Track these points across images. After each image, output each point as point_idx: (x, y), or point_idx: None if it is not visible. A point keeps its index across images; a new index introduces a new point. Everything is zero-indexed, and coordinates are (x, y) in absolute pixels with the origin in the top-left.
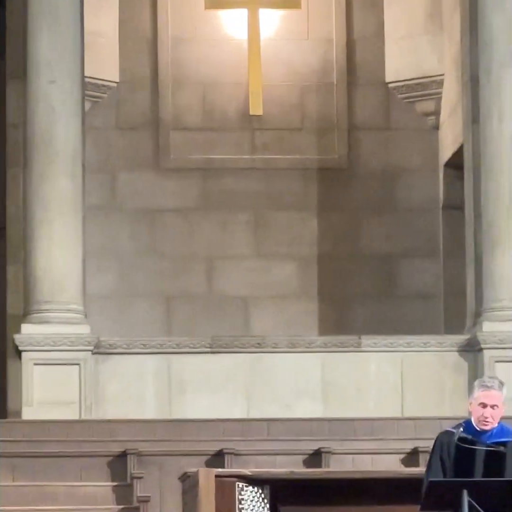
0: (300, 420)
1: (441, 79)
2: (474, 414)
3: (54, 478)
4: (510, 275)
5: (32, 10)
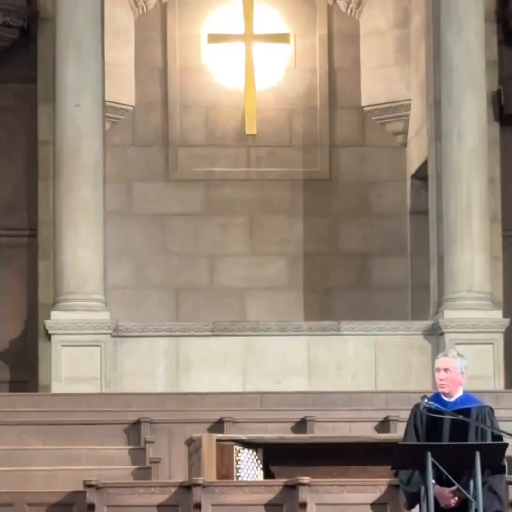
0: (288, 393)
1: (408, 103)
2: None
3: (78, 443)
4: (467, 270)
5: (61, 43)
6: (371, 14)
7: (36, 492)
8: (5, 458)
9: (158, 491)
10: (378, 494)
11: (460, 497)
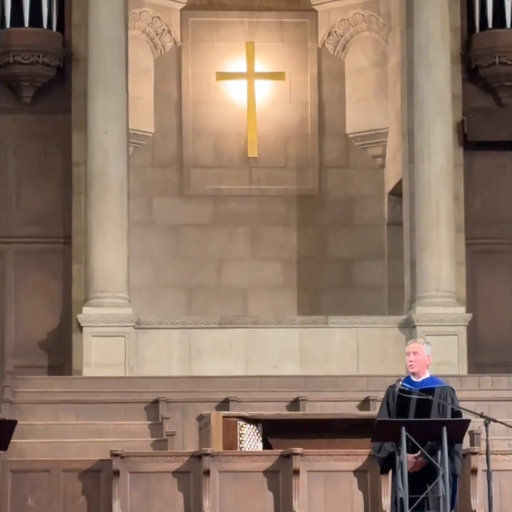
0: (284, 377)
1: (386, 131)
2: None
3: (105, 419)
4: (435, 273)
5: (91, 79)
6: (354, 55)
7: (69, 460)
8: (43, 431)
9: (173, 460)
10: (359, 463)
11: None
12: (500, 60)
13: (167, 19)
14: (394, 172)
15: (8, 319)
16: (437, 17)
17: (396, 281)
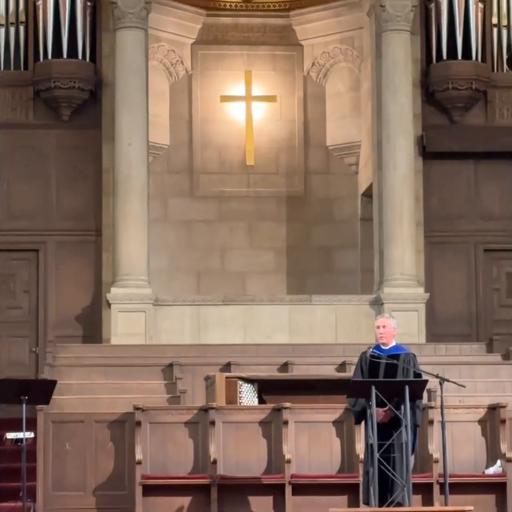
0: (275, 345)
1: (359, 144)
2: (376, 335)
3: (129, 379)
4: (399, 259)
5: (118, 100)
6: (333, 81)
7: (100, 413)
8: (78, 389)
9: (185, 412)
10: (337, 415)
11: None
12: (453, 86)
13: (180, 52)
14: (365, 177)
15: (50, 298)
16: (401, 50)
17: (367, 266)
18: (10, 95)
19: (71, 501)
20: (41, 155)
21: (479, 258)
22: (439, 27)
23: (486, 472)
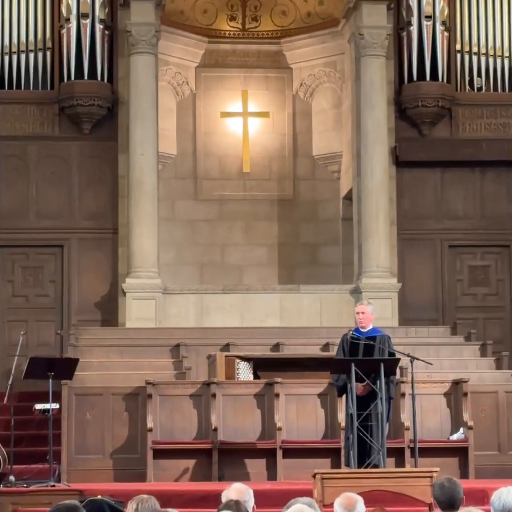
0: (268, 328)
1: (341, 153)
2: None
3: (141, 357)
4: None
5: (132, 116)
6: (318, 100)
7: (116, 387)
8: (98, 366)
9: (190, 386)
10: (322, 388)
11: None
12: (422, 103)
13: (185, 74)
14: (346, 182)
15: (73, 287)
16: (377, 73)
17: (347, 260)
18: (38, 111)
19: (91, 463)
20: (65, 163)
21: (444, 253)
22: (410, 53)
23: (450, 438)
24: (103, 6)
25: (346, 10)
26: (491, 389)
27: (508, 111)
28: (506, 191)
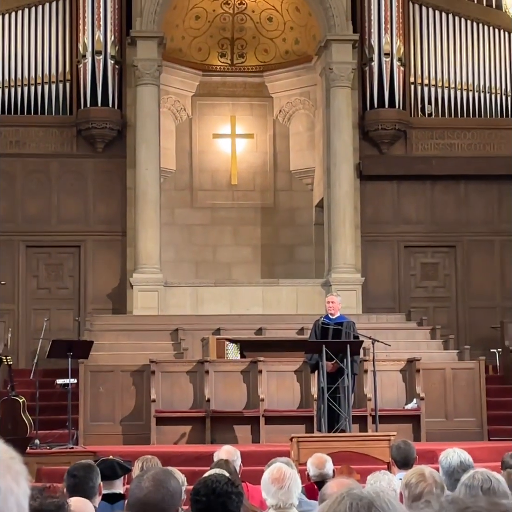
0: (253, 315)
1: (313, 169)
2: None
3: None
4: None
5: (138, 137)
6: (295, 124)
7: (125, 364)
8: (109, 347)
9: (187, 364)
10: (297, 366)
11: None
12: (382, 127)
13: (183, 101)
14: (318, 193)
15: (88, 281)
16: (344, 101)
17: (319, 258)
18: (59, 133)
19: (103, 429)
20: (82, 177)
21: (400, 252)
22: (371, 84)
23: (405, 408)
24: (113, 44)
25: (318, 48)
26: (439, 366)
27: (454, 133)
28: (453, 201)
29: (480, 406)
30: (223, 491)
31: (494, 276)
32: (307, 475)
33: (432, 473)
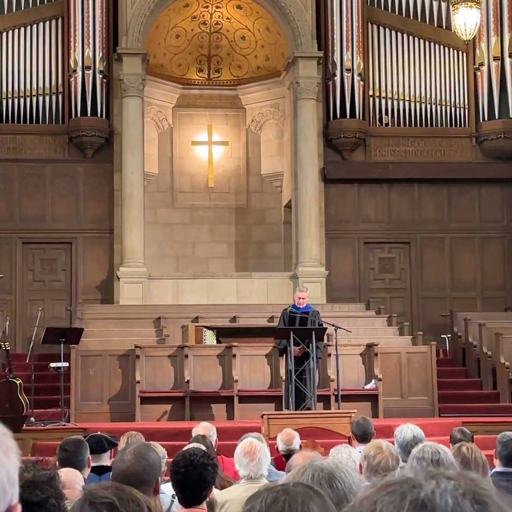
0: (227, 305)
1: (282, 172)
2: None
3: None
4: (309, 249)
5: (124, 144)
6: (265, 132)
7: (112, 349)
8: (98, 334)
9: (168, 349)
10: (268, 350)
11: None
12: (344, 135)
13: (165, 112)
14: (287, 195)
15: (79, 274)
16: (310, 112)
17: (288, 253)
18: (52, 140)
19: (92, 408)
20: (73, 180)
21: (360, 248)
22: (334, 97)
23: (364, 388)
24: (102, 60)
25: (286, 64)
26: (395, 350)
27: (408, 141)
28: (407, 202)
29: (432, 386)
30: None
31: (444, 270)
32: (276, 449)
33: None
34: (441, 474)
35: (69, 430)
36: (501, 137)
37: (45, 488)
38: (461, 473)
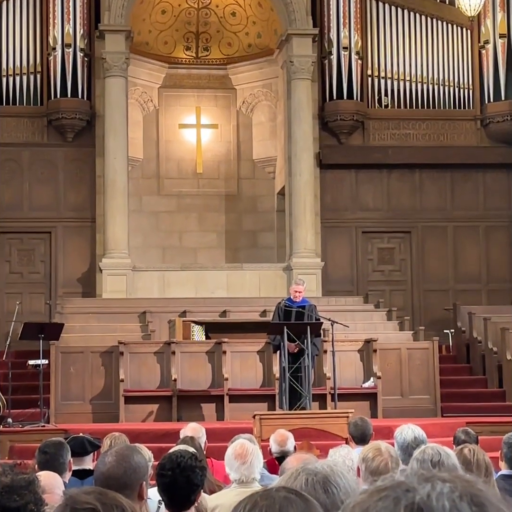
0: (217, 298)
1: (275, 157)
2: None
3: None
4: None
5: (107, 127)
6: (257, 114)
7: (94, 346)
8: (79, 329)
9: (154, 345)
10: (260, 346)
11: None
12: (340, 118)
13: (150, 93)
14: (280, 181)
15: (59, 266)
16: (304, 93)
17: (281, 243)
18: (30, 123)
19: (74, 408)
20: (53, 166)
21: (358, 237)
22: (330, 77)
23: (363, 386)
24: (83, 37)
25: (279, 42)
26: (395, 346)
27: (409, 124)
28: (408, 188)
29: (434, 384)
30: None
31: (447, 261)
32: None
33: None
34: (435, 477)
35: (49, 431)
36: (508, 119)
37: (24, 493)
38: (456, 475)
